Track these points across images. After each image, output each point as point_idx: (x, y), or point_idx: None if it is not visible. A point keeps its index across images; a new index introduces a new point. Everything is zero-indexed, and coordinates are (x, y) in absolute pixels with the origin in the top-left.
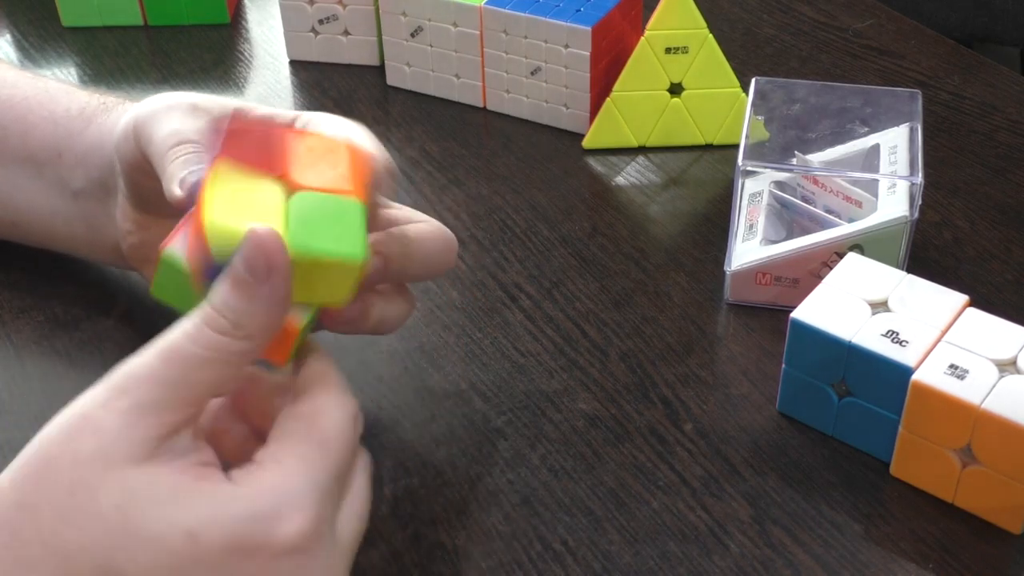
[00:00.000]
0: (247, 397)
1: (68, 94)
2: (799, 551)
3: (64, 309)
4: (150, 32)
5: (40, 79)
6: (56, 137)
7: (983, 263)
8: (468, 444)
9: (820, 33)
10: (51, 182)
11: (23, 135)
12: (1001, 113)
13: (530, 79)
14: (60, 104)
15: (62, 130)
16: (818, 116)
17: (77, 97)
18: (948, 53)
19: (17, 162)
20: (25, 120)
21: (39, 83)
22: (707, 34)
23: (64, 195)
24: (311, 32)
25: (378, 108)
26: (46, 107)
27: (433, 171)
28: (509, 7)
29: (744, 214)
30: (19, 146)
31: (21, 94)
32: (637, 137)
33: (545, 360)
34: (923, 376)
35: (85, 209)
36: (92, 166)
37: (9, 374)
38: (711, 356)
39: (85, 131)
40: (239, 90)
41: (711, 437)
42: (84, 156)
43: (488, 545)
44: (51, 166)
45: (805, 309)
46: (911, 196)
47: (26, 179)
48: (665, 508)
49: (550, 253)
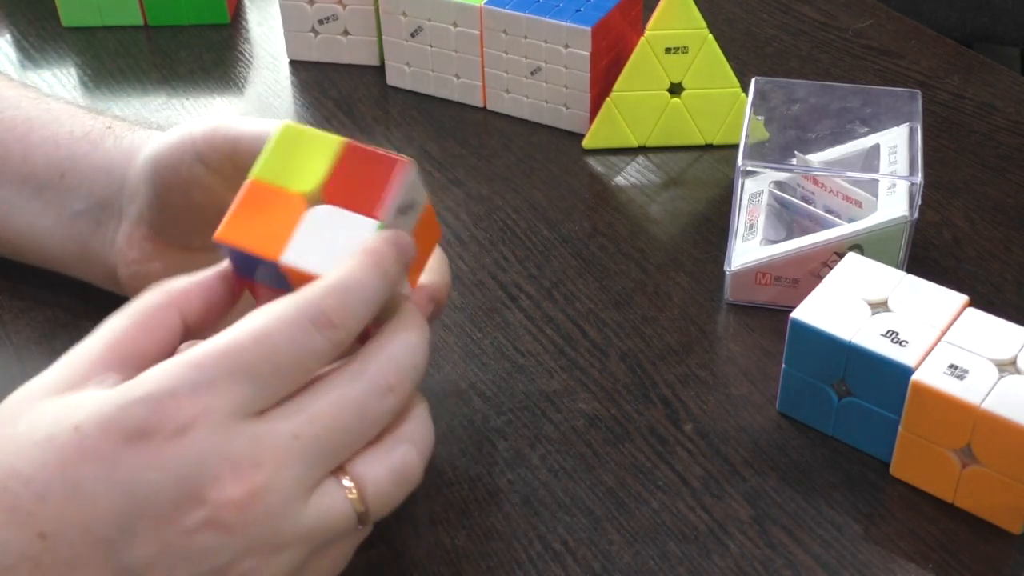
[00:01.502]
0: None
1: (72, 116)
2: (799, 551)
3: (64, 309)
4: (150, 32)
5: (43, 99)
6: (58, 158)
7: (983, 263)
8: (468, 444)
9: (820, 33)
10: (50, 203)
11: (24, 155)
12: (1001, 113)
13: (530, 79)
14: (63, 126)
15: (64, 151)
16: (818, 116)
17: (81, 120)
18: (948, 53)
19: (17, 182)
20: (26, 140)
21: (41, 103)
22: (707, 34)
23: (61, 216)
24: (311, 32)
25: (378, 108)
26: (49, 128)
27: (433, 171)
28: (509, 7)
29: (744, 214)
30: (20, 167)
31: (24, 115)
32: (637, 137)
33: (545, 360)
34: (923, 376)
35: (82, 231)
36: (97, 188)
37: (9, 374)
38: (711, 356)
39: (91, 154)
40: (239, 90)
41: (711, 437)
42: (89, 178)
43: (488, 545)
44: (52, 187)
45: (805, 309)
46: (911, 196)
47: (24, 199)
48: (665, 508)
49: (550, 253)
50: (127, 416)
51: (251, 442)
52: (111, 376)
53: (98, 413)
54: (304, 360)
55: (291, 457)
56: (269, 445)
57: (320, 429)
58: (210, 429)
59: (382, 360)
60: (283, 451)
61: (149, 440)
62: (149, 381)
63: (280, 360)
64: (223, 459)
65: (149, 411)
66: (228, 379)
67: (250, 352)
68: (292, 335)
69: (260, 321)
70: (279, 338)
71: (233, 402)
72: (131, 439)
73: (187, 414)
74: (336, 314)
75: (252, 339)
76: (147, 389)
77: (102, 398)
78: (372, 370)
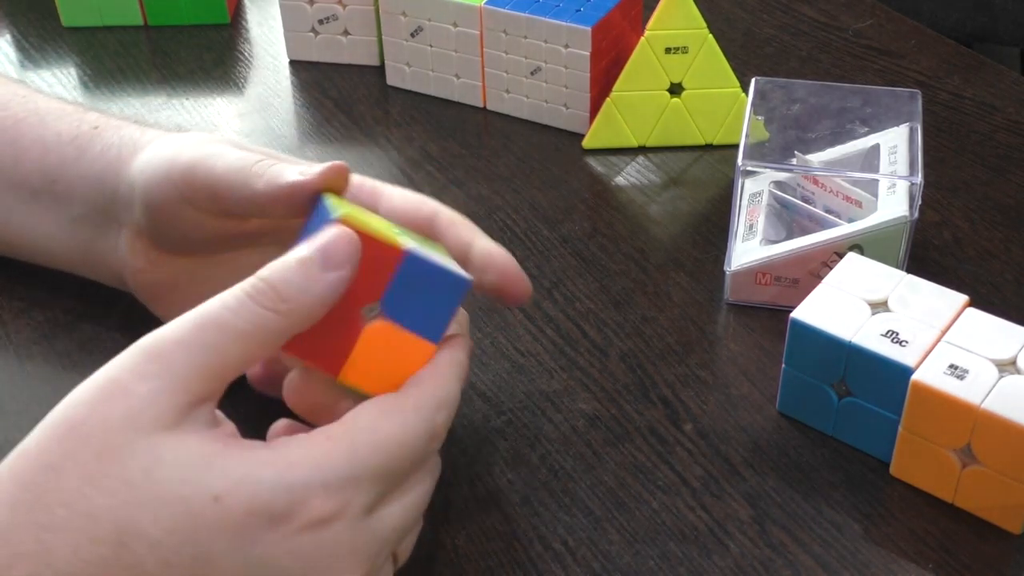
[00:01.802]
0: (300, 393)
1: (58, 117)
2: (799, 551)
3: (64, 309)
4: (150, 32)
5: (31, 97)
6: (48, 164)
7: (983, 263)
8: (468, 444)
9: (820, 33)
10: (47, 207)
11: (15, 160)
12: (1001, 113)
13: (530, 79)
14: (50, 128)
15: (54, 157)
16: (818, 116)
17: (68, 120)
18: (948, 53)
19: (11, 187)
20: (16, 145)
21: (29, 103)
22: (707, 34)
23: (60, 221)
24: (311, 32)
25: (378, 108)
26: (36, 130)
27: (433, 171)
28: (509, 7)
29: (744, 214)
30: (12, 172)
31: (12, 117)
32: (637, 137)
33: (545, 360)
34: (923, 376)
35: (84, 235)
36: (90, 196)
37: (9, 374)
38: (711, 356)
39: (79, 160)
40: (239, 90)
41: (711, 437)
42: (80, 186)
43: (488, 545)
44: (46, 192)
45: (805, 309)
46: (911, 196)
47: (21, 203)
48: (665, 508)
49: (550, 253)
50: (278, 500)
51: (373, 537)
52: (207, 401)
53: (247, 491)
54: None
55: (391, 546)
56: (381, 539)
57: (411, 512)
58: (347, 525)
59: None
60: (388, 543)
61: (290, 524)
62: (304, 467)
63: (408, 468)
64: (352, 554)
65: (300, 499)
66: (371, 479)
67: (392, 457)
68: (418, 448)
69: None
70: (413, 449)
71: (369, 500)
72: (276, 522)
73: (333, 507)
74: (443, 430)
75: (397, 444)
76: (304, 477)
77: (252, 474)
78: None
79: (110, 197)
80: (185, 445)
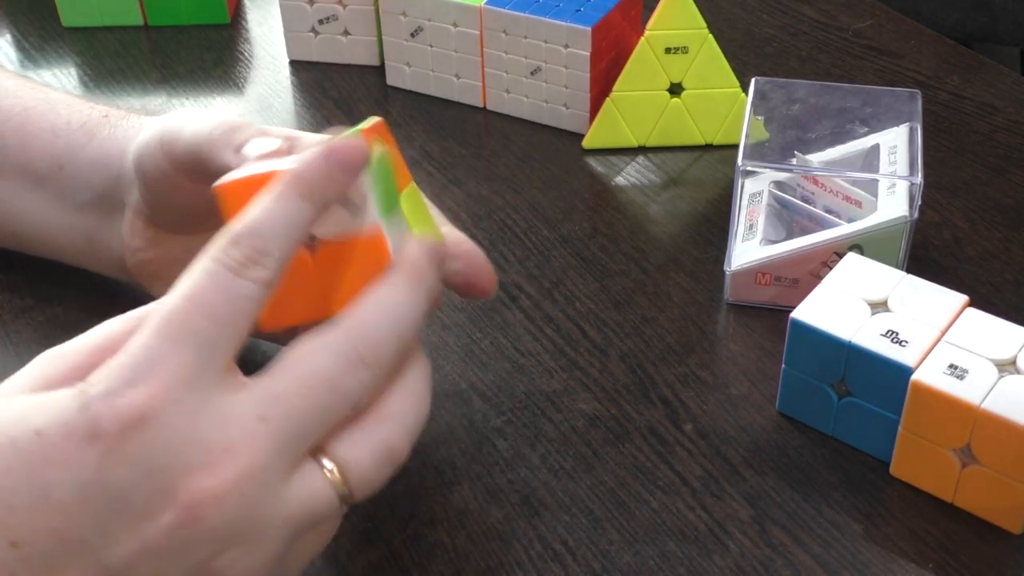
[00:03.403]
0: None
1: (68, 105)
2: (799, 551)
3: (64, 309)
4: (150, 32)
5: (40, 88)
6: (56, 149)
7: (983, 263)
8: (468, 444)
9: (820, 33)
10: (52, 194)
11: (22, 146)
12: (1001, 113)
13: (530, 79)
14: (60, 116)
15: (62, 142)
16: (818, 116)
17: (78, 109)
18: (948, 53)
19: (17, 174)
20: (24, 131)
21: (39, 93)
22: (707, 34)
23: (66, 207)
24: (311, 32)
25: (378, 108)
26: (46, 118)
27: (433, 171)
28: (509, 7)
29: (744, 214)
30: (18, 158)
31: (21, 105)
32: (637, 137)
33: (545, 360)
34: (923, 376)
35: (87, 222)
36: (96, 180)
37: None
38: (711, 356)
39: (88, 145)
40: (239, 90)
41: (711, 437)
42: (87, 170)
43: (488, 545)
44: (52, 178)
45: (805, 309)
46: (911, 196)
47: (26, 191)
48: (665, 508)
49: (550, 253)
50: (87, 417)
51: (218, 424)
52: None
53: (59, 417)
54: (238, 304)
55: (262, 441)
56: (237, 429)
57: (288, 408)
58: (171, 410)
59: (353, 330)
60: (252, 435)
61: (112, 437)
62: (104, 377)
63: (215, 310)
64: (191, 444)
65: (107, 407)
66: (172, 348)
67: (183, 312)
68: (217, 283)
69: (187, 280)
70: (206, 289)
71: (185, 372)
72: (94, 439)
73: (143, 399)
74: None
75: (183, 299)
76: (103, 386)
77: (63, 401)
78: (340, 342)
79: (115, 179)
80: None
